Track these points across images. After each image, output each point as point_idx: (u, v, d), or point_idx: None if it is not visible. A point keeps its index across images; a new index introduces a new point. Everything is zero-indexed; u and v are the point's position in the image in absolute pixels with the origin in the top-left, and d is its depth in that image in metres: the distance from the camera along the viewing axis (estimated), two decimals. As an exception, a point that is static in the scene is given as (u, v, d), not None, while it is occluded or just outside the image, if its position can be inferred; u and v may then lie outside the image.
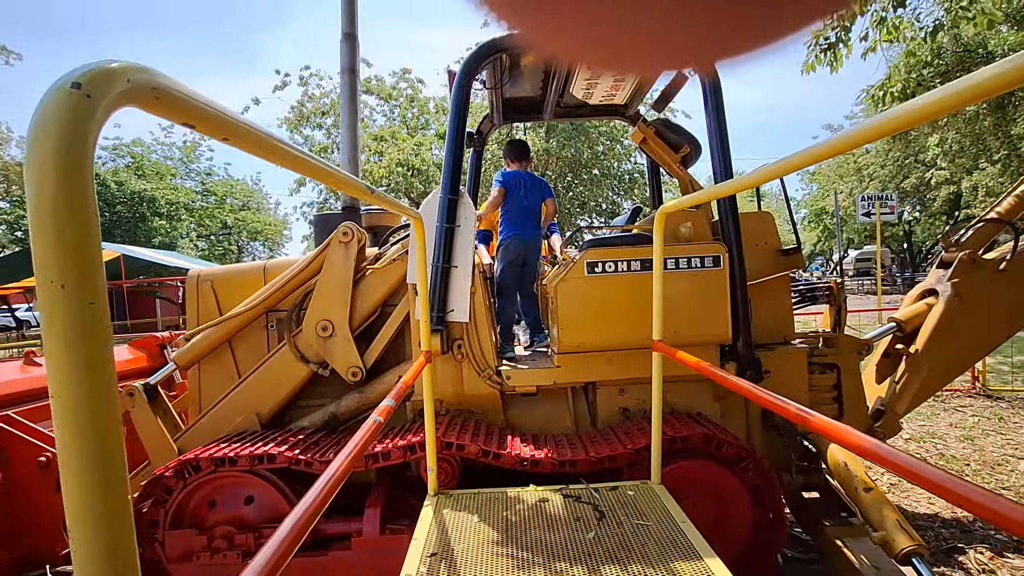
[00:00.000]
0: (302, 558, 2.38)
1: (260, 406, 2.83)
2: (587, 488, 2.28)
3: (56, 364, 0.46)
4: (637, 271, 2.60)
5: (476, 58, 2.67)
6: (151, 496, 2.40)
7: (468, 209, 2.68)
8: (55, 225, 0.45)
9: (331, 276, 2.80)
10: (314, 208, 18.53)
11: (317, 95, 17.26)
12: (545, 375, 2.72)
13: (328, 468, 0.99)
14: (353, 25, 3.14)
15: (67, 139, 0.45)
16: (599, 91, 3.53)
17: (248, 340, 2.97)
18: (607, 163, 17.07)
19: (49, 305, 0.45)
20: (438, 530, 1.95)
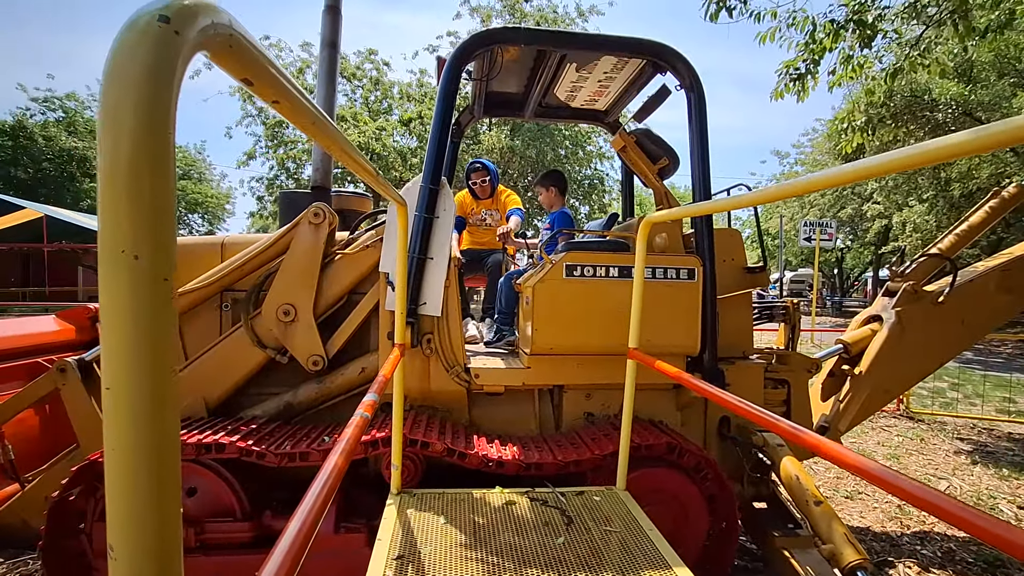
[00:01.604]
0: (251, 556, 2.24)
1: (208, 391, 2.64)
2: (554, 492, 2.25)
3: (117, 351, 0.38)
4: (615, 277, 2.61)
5: (467, 48, 2.60)
6: (80, 483, 2.19)
7: (448, 200, 2.60)
8: (133, 185, 0.37)
9: (298, 258, 2.65)
10: (263, 183, 17.71)
11: (277, 67, 16.48)
12: (514, 375, 2.69)
13: (323, 469, 0.91)
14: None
15: (154, 79, 0.37)
16: (582, 95, 3.54)
17: (199, 320, 2.77)
18: (569, 166, 17.23)
19: (116, 279, 0.37)
20: (403, 531, 1.88)
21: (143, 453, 0.40)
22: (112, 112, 0.37)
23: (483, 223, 4.13)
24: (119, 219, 0.37)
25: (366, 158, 1.10)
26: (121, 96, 0.37)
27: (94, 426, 2.57)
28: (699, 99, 2.78)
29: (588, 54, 2.85)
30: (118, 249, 0.37)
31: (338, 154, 0.88)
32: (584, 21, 17.30)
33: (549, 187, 3.72)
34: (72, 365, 2.59)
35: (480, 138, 15.84)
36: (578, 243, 2.90)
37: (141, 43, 0.39)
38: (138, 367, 0.38)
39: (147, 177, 0.38)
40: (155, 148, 0.38)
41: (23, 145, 20.69)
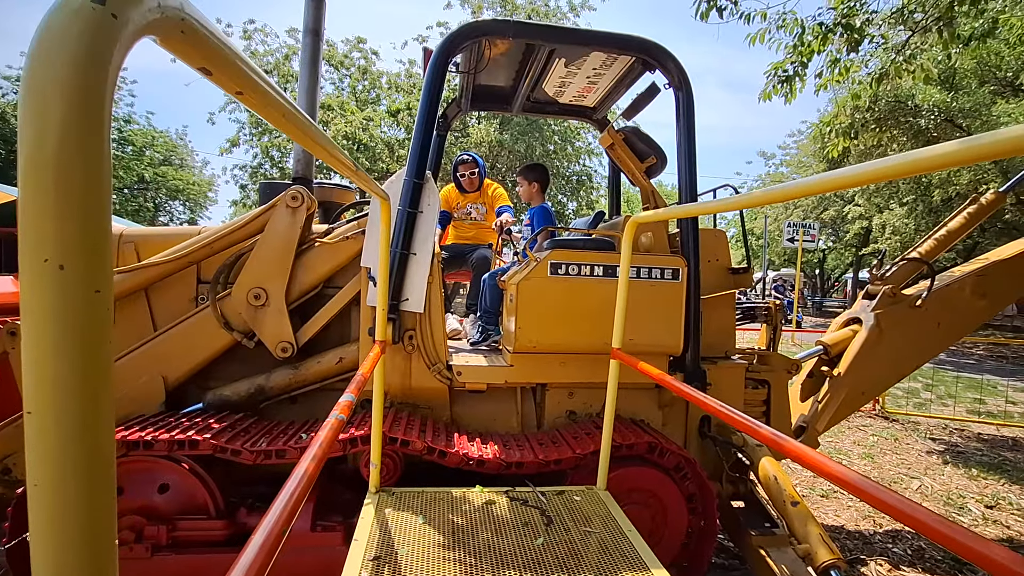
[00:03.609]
0: (225, 554, 2.19)
1: (169, 369, 2.56)
2: (534, 491, 2.24)
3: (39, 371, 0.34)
4: (599, 276, 2.59)
5: (455, 40, 2.55)
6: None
7: (433, 195, 2.56)
8: (58, 183, 0.32)
9: (272, 241, 2.58)
10: (247, 172, 17.42)
11: (260, 52, 16.18)
12: (497, 373, 2.66)
13: (295, 472, 0.88)
14: (323, -18, 2.92)
15: (84, 67, 0.33)
16: (571, 91, 3.51)
17: (171, 293, 2.68)
18: (557, 162, 17.21)
19: (39, 291, 0.32)
20: (380, 531, 1.85)
21: (73, 491, 0.36)
22: (37, 101, 0.33)
23: (468, 217, 4.09)
24: (42, 223, 0.33)
25: (344, 152, 1.06)
26: (47, 84, 0.33)
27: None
28: (687, 98, 2.77)
29: (577, 49, 2.82)
30: (40, 258, 0.33)
31: (312, 147, 0.85)
32: (576, 16, 17.24)
33: (532, 181, 3.68)
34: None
35: (468, 131, 15.74)
36: (563, 241, 2.88)
37: (72, 26, 0.35)
38: (65, 391, 0.34)
39: (77, 176, 0.33)
40: (86, 143, 0.33)
41: (-5, 126, 20.01)
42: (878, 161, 0.91)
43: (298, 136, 0.75)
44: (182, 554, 2.18)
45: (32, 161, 0.32)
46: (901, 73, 4.85)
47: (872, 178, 0.94)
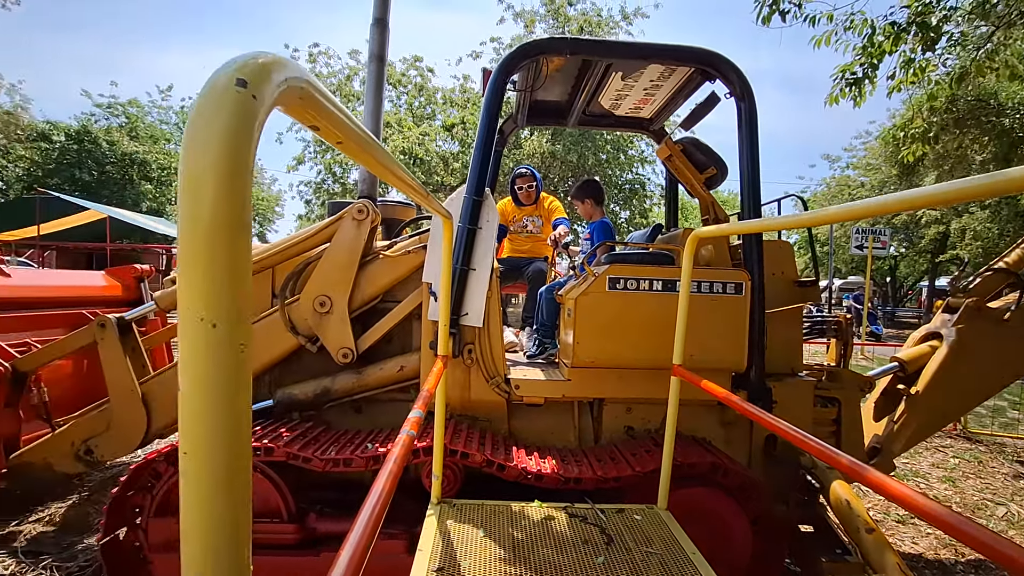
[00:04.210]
0: (293, 557, 2.31)
1: None
2: (593, 509, 2.23)
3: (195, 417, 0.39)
4: (658, 291, 2.56)
5: (513, 59, 2.61)
6: (138, 481, 2.30)
7: (491, 211, 2.62)
8: (213, 251, 0.37)
9: (338, 251, 2.70)
10: (311, 187, 18.27)
11: (324, 74, 16.99)
12: (555, 387, 2.67)
13: (373, 488, 0.92)
14: (385, 11, 3.05)
15: (232, 145, 0.38)
16: (627, 103, 3.50)
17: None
18: (609, 171, 17.08)
19: (196, 345, 0.38)
20: (443, 542, 1.89)
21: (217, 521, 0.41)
22: (192, 179, 0.39)
23: (524, 230, 4.13)
24: (198, 285, 0.38)
25: (415, 178, 1.12)
26: (201, 163, 0.38)
27: (125, 384, 2.67)
28: (750, 108, 2.71)
29: (635, 63, 2.82)
30: (197, 317, 0.38)
31: (391, 179, 0.90)
32: (628, 24, 17.13)
33: (584, 199, 3.70)
34: (112, 322, 2.69)
35: (521, 143, 15.89)
36: (621, 255, 2.86)
37: (220, 111, 0.40)
38: (214, 433, 0.39)
39: (225, 244, 0.39)
40: (233, 215, 0.39)
41: (87, 149, 21.97)
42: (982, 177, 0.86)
43: (381, 171, 0.80)
44: (256, 555, 2.31)
45: (190, 232, 0.38)
46: (984, 71, 4.53)
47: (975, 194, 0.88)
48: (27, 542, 2.82)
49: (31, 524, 3.01)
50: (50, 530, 2.97)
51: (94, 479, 3.68)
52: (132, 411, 2.66)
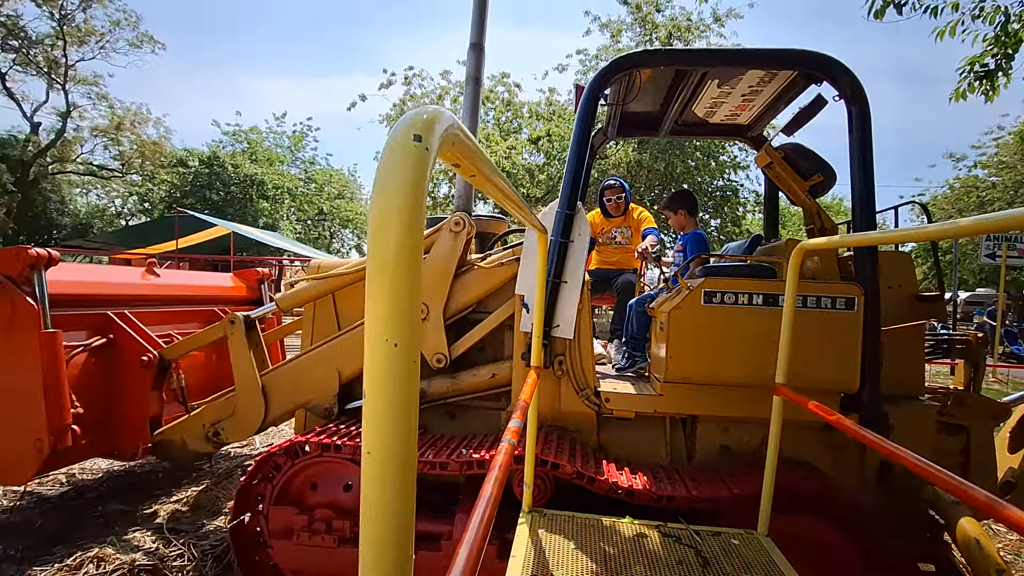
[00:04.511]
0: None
1: (344, 365, 2.93)
2: (687, 529, 2.17)
3: (378, 422, 0.47)
4: (758, 305, 2.45)
5: (606, 74, 2.63)
6: (261, 472, 2.55)
7: (583, 225, 2.64)
8: (394, 284, 0.45)
9: (435, 261, 2.84)
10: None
11: (418, 94, 17.93)
12: (646, 402, 2.63)
13: (482, 495, 0.98)
14: (481, 36, 3.20)
15: (412, 190, 0.46)
16: (723, 110, 3.39)
17: (350, 298, 3.09)
18: (699, 178, 16.47)
19: (380, 362, 0.46)
20: (535, 551, 1.93)
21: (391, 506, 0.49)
22: (381, 220, 0.46)
23: (613, 241, 4.11)
24: (384, 312, 0.45)
25: (521, 197, 1.18)
26: (389, 208, 0.45)
27: (248, 375, 2.97)
28: (861, 111, 2.53)
29: (733, 70, 2.74)
30: (383, 338, 0.46)
31: (503, 199, 0.97)
32: (720, 26, 16.51)
33: (677, 210, 3.61)
34: (240, 319, 3.02)
35: (606, 153, 15.77)
36: (717, 267, 2.77)
37: (404, 163, 0.47)
38: (392, 435, 0.47)
39: (405, 276, 0.46)
40: (413, 251, 0.46)
41: (216, 172, 24.74)
42: None
43: (498, 195, 0.87)
44: (354, 547, 2.47)
45: (378, 266, 0.46)
46: None
47: None
48: (167, 520, 3.21)
49: (171, 504, 3.43)
50: (185, 511, 3.37)
51: (221, 467, 4.12)
52: (253, 400, 2.96)
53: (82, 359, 2.88)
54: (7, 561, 2.73)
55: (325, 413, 2.93)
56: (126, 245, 16.71)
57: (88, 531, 3.07)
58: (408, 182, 0.45)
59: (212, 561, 2.78)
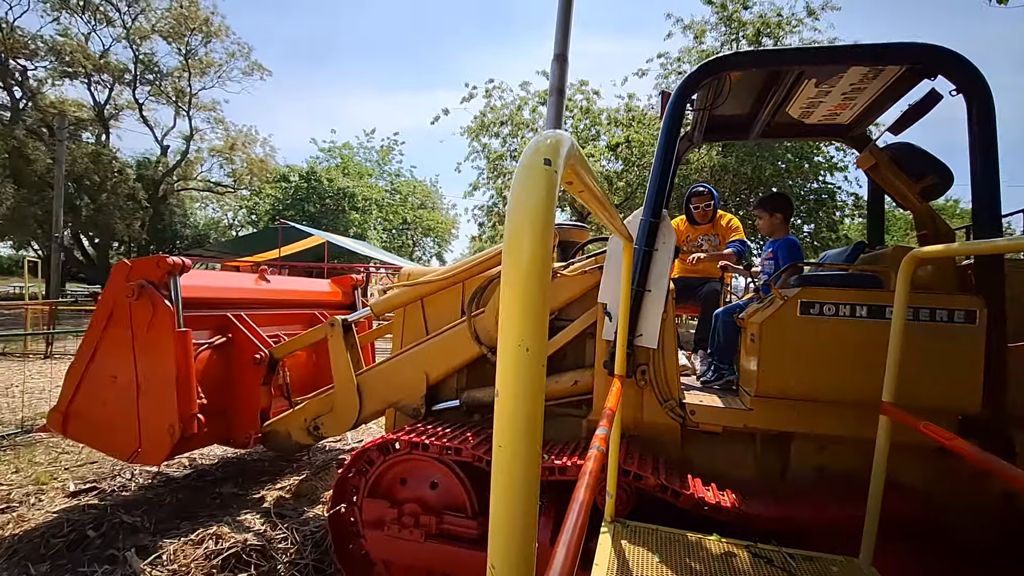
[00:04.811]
0: (473, 551, 2.51)
1: (431, 368, 3.06)
2: (780, 551, 2.06)
3: (510, 419, 0.53)
4: (862, 317, 2.29)
5: (694, 78, 2.59)
6: (356, 466, 2.73)
7: (668, 233, 2.60)
8: (526, 293, 0.51)
9: None
10: (484, 211, 19.74)
11: (498, 106, 18.33)
12: (735, 416, 2.53)
13: (575, 500, 1.01)
14: (565, 47, 3.24)
15: (543, 212, 0.51)
16: (821, 110, 3.21)
17: (438, 305, 3.23)
18: (790, 182, 15.48)
19: (513, 365, 0.52)
20: (618, 562, 1.92)
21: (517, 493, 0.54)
22: (515, 236, 0.52)
23: (699, 249, 3.99)
24: (519, 320, 0.51)
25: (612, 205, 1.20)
26: (522, 225, 0.51)
27: (345, 375, 3.17)
28: (983, 106, 2.30)
29: (832, 68, 2.59)
30: (517, 343, 0.51)
31: (600, 210, 1.00)
32: (815, 20, 15.47)
33: (774, 212, 3.42)
34: (339, 322, 3.24)
35: (688, 157, 15.27)
36: (815, 277, 2.62)
37: (535, 184, 0.53)
38: (521, 431, 0.53)
39: (536, 287, 0.51)
40: (543, 263, 0.51)
41: (313, 186, 26.74)
42: None
43: (597, 207, 0.91)
44: (445, 544, 2.57)
45: (512, 276, 0.51)
46: None
47: None
48: (273, 505, 3.51)
49: (276, 491, 3.74)
50: (288, 497, 3.66)
51: (317, 459, 4.43)
52: (350, 398, 3.17)
53: (206, 355, 3.23)
54: (143, 532, 3.11)
55: (413, 413, 3.08)
56: (236, 253, 18.45)
57: (207, 510, 3.43)
58: (539, 201, 0.51)
59: (312, 546, 3.01)
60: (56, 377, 6.83)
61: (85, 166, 22.39)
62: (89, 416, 3.13)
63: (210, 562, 2.76)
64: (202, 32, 25.13)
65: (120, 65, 24.63)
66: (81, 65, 22.96)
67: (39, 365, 8.42)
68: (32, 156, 21.76)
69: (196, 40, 25.28)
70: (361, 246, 19.44)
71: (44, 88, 23.90)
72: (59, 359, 8.94)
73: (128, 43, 24.47)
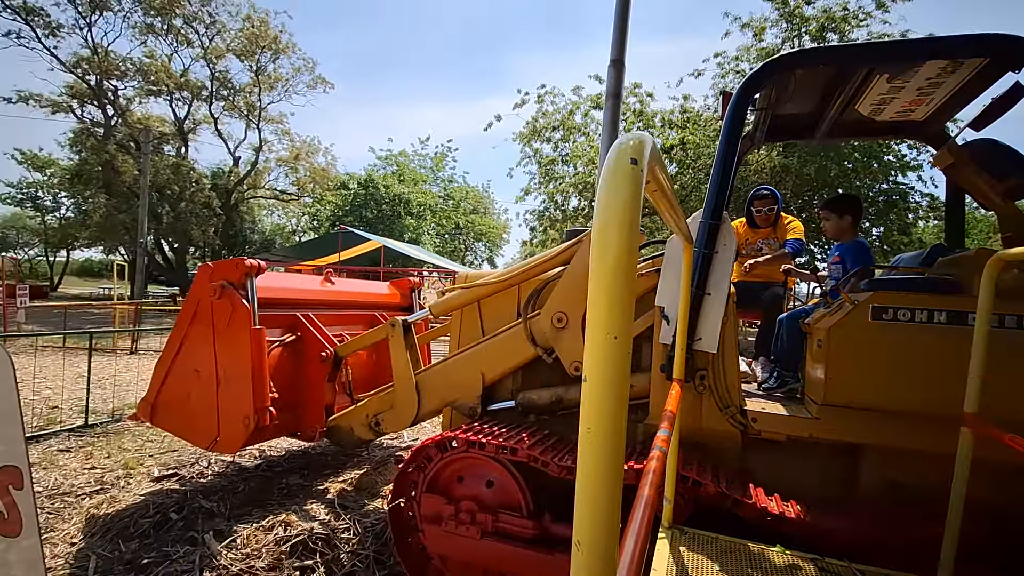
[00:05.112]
0: (527, 551, 2.54)
1: (487, 369, 3.11)
2: (850, 567, 1.98)
3: (597, 402, 0.57)
4: (941, 324, 2.17)
5: (758, 78, 2.53)
6: (415, 461, 2.82)
7: (729, 235, 2.55)
8: (614, 285, 0.55)
9: (576, 272, 2.92)
10: (535, 215, 19.81)
11: (550, 112, 18.38)
12: (800, 425, 2.45)
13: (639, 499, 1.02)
14: (622, 52, 3.25)
15: (631, 210, 0.55)
16: (893, 107, 3.05)
17: (494, 307, 3.29)
18: (857, 182, 14.66)
19: (601, 351, 0.56)
20: (677, 569, 1.90)
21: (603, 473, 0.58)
22: (602, 231, 0.56)
23: (759, 253, 3.88)
24: (607, 311, 0.55)
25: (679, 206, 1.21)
26: (610, 221, 0.55)
27: (404, 373, 3.29)
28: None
29: (907, 63, 2.47)
30: (605, 331, 0.55)
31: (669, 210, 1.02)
32: (884, 12, 14.63)
33: (843, 215, 3.27)
34: (399, 323, 3.36)
35: (747, 157, 14.76)
36: (887, 281, 2.50)
37: (623, 183, 0.57)
38: (608, 413, 0.57)
39: (623, 280, 0.55)
40: (628, 259, 0.55)
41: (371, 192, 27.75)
42: None
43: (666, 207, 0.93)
44: (501, 543, 2.61)
45: (600, 269, 0.56)
46: None
47: None
48: (337, 496, 3.67)
49: (339, 483, 3.91)
50: (350, 490, 3.82)
51: (376, 455, 4.59)
52: (409, 396, 3.28)
53: (277, 352, 3.44)
54: (219, 516, 3.33)
55: (469, 412, 3.15)
56: (299, 258, 19.39)
57: (275, 499, 3.63)
58: (627, 200, 0.55)
59: (372, 538, 3.13)
60: (141, 371, 7.41)
61: (167, 177, 24.21)
62: (174, 406, 3.39)
63: (279, 547, 2.93)
64: (271, 49, 26.66)
65: (198, 83, 26.54)
66: (164, 84, 24.90)
67: (126, 360, 9.14)
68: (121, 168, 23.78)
69: (265, 57, 26.84)
70: (415, 250, 19.98)
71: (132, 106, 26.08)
72: (143, 355, 9.69)
73: (205, 62, 26.34)
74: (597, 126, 18.06)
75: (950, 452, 1.90)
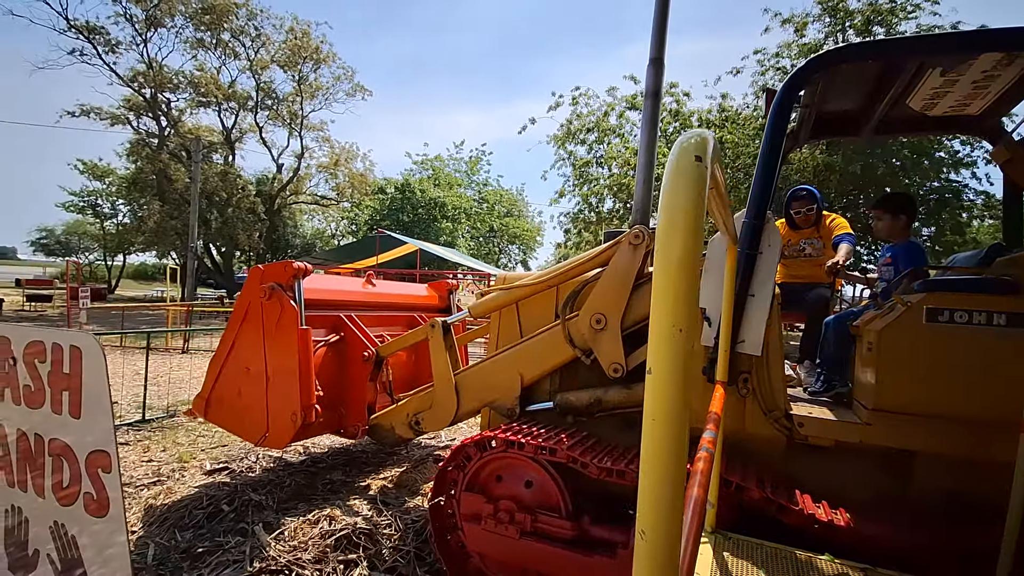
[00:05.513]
0: (566, 552, 2.54)
1: (525, 369, 3.13)
2: (903, 577, 1.91)
3: (661, 395, 0.59)
4: (1001, 326, 2.08)
5: (803, 74, 2.48)
6: (455, 460, 2.87)
7: (773, 235, 2.50)
8: (679, 279, 0.57)
9: (615, 273, 2.91)
10: (569, 218, 19.76)
11: (584, 113, 18.32)
12: (849, 430, 2.38)
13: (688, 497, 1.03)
14: (661, 50, 3.22)
15: (695, 204, 0.57)
16: (947, 102, 2.94)
17: (535, 307, 3.31)
18: (906, 180, 14.03)
19: (668, 345, 0.58)
20: (720, 574, 1.88)
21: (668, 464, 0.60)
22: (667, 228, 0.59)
23: (801, 254, 3.78)
24: (670, 305, 0.57)
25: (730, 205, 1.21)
26: (676, 217, 0.58)
27: (444, 373, 3.34)
28: None
29: (961, 56, 2.38)
30: (670, 324, 0.58)
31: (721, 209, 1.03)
32: (934, 4, 13.97)
33: (898, 215, 3.14)
34: (439, 324, 3.42)
35: (789, 156, 14.33)
36: (941, 282, 2.41)
37: (688, 180, 0.59)
38: (672, 402, 0.58)
39: (687, 275, 0.57)
40: (693, 255, 0.57)
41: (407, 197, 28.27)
42: None
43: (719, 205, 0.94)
44: (539, 543, 2.62)
45: (664, 264, 0.58)
46: None
47: None
48: (378, 493, 3.76)
49: (380, 480, 4.00)
50: (391, 487, 3.90)
51: (415, 454, 4.68)
52: (448, 396, 3.34)
53: (323, 351, 3.55)
54: (268, 509, 3.46)
55: (508, 413, 3.18)
56: (339, 261, 19.90)
57: (320, 494, 3.75)
58: (692, 196, 0.57)
59: (413, 535, 3.19)
60: (193, 369, 7.76)
61: (215, 184, 25.31)
62: (226, 403, 3.55)
63: (324, 541, 3.02)
64: (313, 59, 27.53)
65: (244, 93, 27.67)
66: (213, 95, 26.06)
67: (178, 359, 9.58)
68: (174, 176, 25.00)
69: (307, 67, 27.73)
70: (451, 253, 20.24)
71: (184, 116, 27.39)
72: (195, 354, 10.13)
73: (251, 73, 27.42)
74: (632, 127, 17.90)
75: (1008, 460, 1.82)
